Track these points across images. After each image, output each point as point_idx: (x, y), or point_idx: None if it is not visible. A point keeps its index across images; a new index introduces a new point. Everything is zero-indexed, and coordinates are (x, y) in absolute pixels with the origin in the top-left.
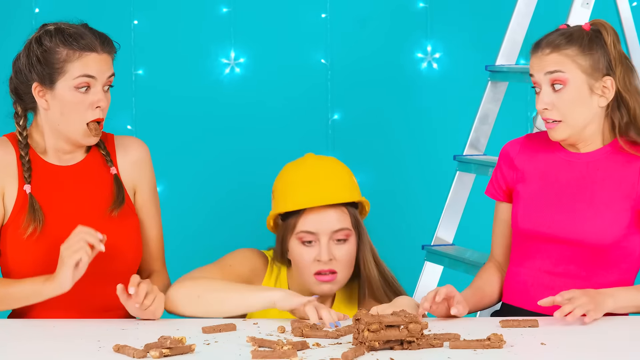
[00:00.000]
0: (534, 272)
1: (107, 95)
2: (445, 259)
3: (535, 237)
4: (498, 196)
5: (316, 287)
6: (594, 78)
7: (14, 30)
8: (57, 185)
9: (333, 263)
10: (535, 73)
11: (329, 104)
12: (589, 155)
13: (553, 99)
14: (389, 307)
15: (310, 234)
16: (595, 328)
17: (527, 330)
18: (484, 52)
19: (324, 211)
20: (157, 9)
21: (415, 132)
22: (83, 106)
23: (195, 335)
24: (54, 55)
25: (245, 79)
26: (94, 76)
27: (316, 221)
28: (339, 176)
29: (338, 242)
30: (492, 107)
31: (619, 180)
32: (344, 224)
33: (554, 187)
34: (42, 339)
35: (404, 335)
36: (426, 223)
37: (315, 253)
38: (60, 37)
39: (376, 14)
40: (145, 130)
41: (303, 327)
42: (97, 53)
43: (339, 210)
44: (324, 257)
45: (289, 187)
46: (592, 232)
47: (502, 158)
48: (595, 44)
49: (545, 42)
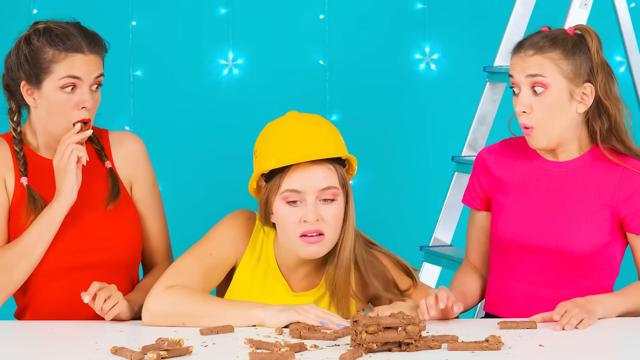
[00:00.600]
0: (517, 282)
1: (96, 95)
2: (444, 260)
3: (516, 247)
4: (476, 204)
5: (302, 250)
6: (575, 84)
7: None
8: (53, 179)
9: (320, 224)
10: (516, 74)
11: (327, 105)
12: (567, 164)
13: (532, 102)
14: (388, 309)
15: (296, 193)
16: (592, 330)
17: (525, 332)
18: (482, 53)
19: (309, 168)
20: (155, 10)
21: (413, 133)
22: (68, 106)
23: (192, 337)
24: (40, 55)
25: (244, 80)
26: (79, 77)
27: (302, 179)
28: (325, 131)
29: (325, 202)
30: (490, 108)
31: (598, 189)
32: (331, 182)
33: (533, 196)
34: (39, 341)
35: (402, 337)
36: (424, 224)
37: (301, 213)
38: (47, 37)
39: (374, 15)
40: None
41: (301, 329)
42: (83, 54)
43: (325, 167)
44: (311, 217)
45: (272, 145)
46: (574, 242)
47: (478, 166)
48: (578, 49)
49: (529, 43)
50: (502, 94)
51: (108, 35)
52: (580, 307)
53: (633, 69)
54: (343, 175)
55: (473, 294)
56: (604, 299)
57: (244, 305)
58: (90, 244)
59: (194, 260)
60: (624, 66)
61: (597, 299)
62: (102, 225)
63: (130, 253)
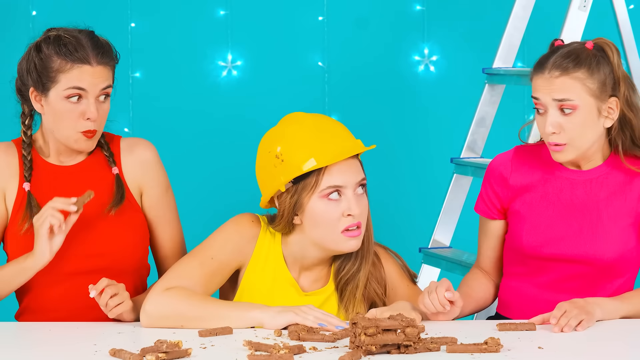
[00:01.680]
0: (538, 289)
1: (104, 105)
2: (442, 262)
3: (541, 257)
4: (492, 214)
5: (344, 245)
6: (601, 100)
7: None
8: (58, 184)
9: (359, 217)
10: (542, 96)
11: (326, 107)
12: (590, 172)
13: (561, 122)
14: (386, 310)
15: (337, 188)
16: (592, 332)
17: (524, 334)
18: (481, 55)
19: (347, 162)
20: (154, 12)
21: (412, 134)
22: (73, 115)
23: (191, 338)
24: (48, 63)
25: (242, 81)
26: (84, 88)
27: (342, 174)
28: (345, 127)
29: (360, 194)
30: (489, 110)
31: (622, 197)
32: (362, 173)
33: (557, 206)
34: (38, 342)
35: (401, 339)
36: (423, 226)
37: (343, 208)
38: (56, 46)
39: (373, 16)
40: (143, 133)
41: (300, 331)
42: (90, 65)
43: (357, 160)
44: (356, 210)
45: (308, 145)
46: (601, 250)
47: (493, 175)
48: (601, 65)
49: (553, 64)
50: (501, 96)
51: (107, 36)
52: (579, 308)
53: (632, 71)
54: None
55: (480, 298)
56: (603, 303)
57: (243, 306)
58: (93, 249)
59: (194, 264)
60: None
61: (597, 301)
62: (105, 231)
63: (134, 259)
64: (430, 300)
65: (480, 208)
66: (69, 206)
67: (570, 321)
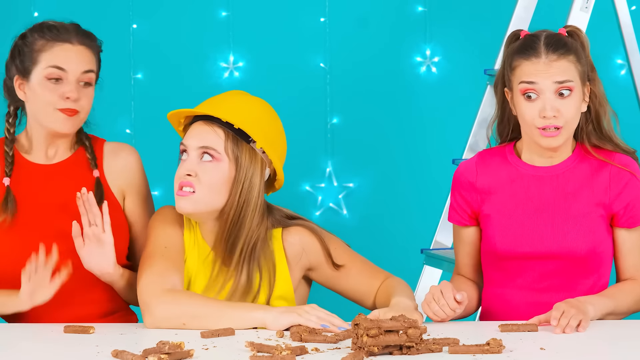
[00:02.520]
0: (518, 291)
1: (86, 91)
2: (444, 263)
3: (516, 257)
4: (464, 221)
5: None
6: (584, 84)
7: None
8: (38, 182)
9: (191, 179)
10: (541, 80)
11: (328, 108)
12: (557, 167)
13: (558, 105)
14: (389, 311)
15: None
16: (593, 332)
17: (526, 335)
18: (483, 56)
19: (199, 126)
20: (156, 13)
21: (414, 135)
22: (53, 95)
23: (193, 339)
24: (31, 46)
25: (244, 83)
26: (63, 68)
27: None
28: (251, 107)
29: (206, 157)
30: (491, 111)
31: (590, 188)
32: (216, 144)
33: (526, 204)
34: (40, 343)
35: (403, 340)
36: (425, 227)
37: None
38: (39, 30)
39: (375, 17)
40: (144, 134)
41: (302, 332)
42: (70, 44)
43: (211, 129)
44: (183, 170)
45: None
46: (574, 244)
47: (459, 183)
48: (581, 51)
49: (547, 49)
50: None
51: (108, 38)
52: (575, 308)
53: (634, 72)
54: (235, 145)
55: (471, 299)
56: (593, 300)
57: (246, 306)
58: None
59: (158, 260)
60: (624, 69)
61: (587, 299)
62: None
63: None
64: (441, 307)
65: (452, 217)
66: (44, 276)
67: (571, 321)
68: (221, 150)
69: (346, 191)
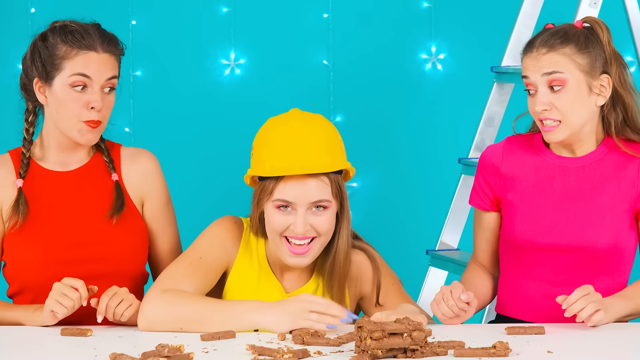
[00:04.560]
0: (535, 283)
1: (109, 98)
2: (450, 264)
3: (534, 247)
4: (485, 206)
5: (288, 259)
6: (592, 76)
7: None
8: (54, 190)
9: (309, 232)
10: (531, 74)
11: (331, 106)
12: (583, 159)
13: (551, 100)
14: (393, 314)
15: (287, 203)
16: (602, 335)
17: (533, 338)
18: (489, 53)
19: (304, 180)
20: (155, 8)
21: (419, 134)
22: (78, 105)
23: (193, 342)
24: (53, 51)
25: (246, 80)
26: (89, 76)
27: (294, 190)
28: (324, 140)
29: (317, 210)
30: (498, 109)
31: (617, 182)
32: (324, 195)
33: (549, 195)
34: (37, 347)
35: (408, 343)
36: (430, 227)
37: (291, 221)
38: (62, 34)
39: (379, 13)
40: (144, 133)
41: (304, 335)
42: (95, 52)
43: (320, 181)
44: (300, 229)
45: (270, 149)
46: (595, 238)
47: (484, 166)
48: (591, 42)
49: (540, 42)
50: (510, 95)
51: None
52: (599, 301)
53: None
54: (338, 185)
55: (484, 294)
56: (613, 301)
57: (247, 308)
58: (93, 254)
59: (184, 264)
60: (634, 66)
61: (609, 301)
62: (105, 236)
63: (134, 265)
64: (449, 307)
65: (473, 200)
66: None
67: (589, 305)
68: (331, 198)
69: (350, 191)
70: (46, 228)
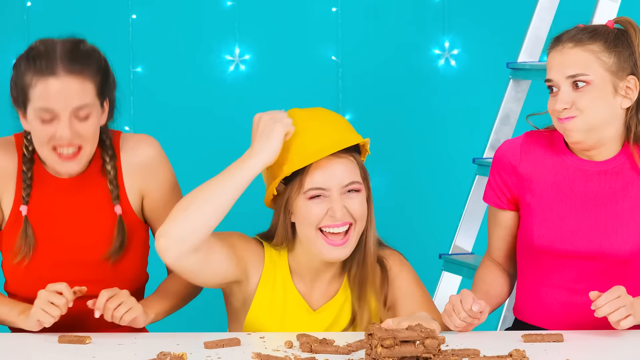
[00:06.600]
0: (554, 290)
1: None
2: (464, 269)
3: (554, 253)
4: (501, 204)
5: (327, 253)
6: (619, 77)
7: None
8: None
9: (346, 216)
10: (555, 73)
11: (340, 104)
12: (605, 163)
13: (573, 98)
14: (404, 320)
15: (320, 191)
16: (622, 344)
17: (551, 346)
18: (505, 49)
19: (330, 163)
20: (157, 2)
21: (431, 133)
22: (44, 139)
23: (196, 350)
24: (23, 79)
25: (251, 76)
26: (51, 109)
27: (324, 175)
28: (335, 120)
29: (349, 193)
30: (514, 107)
31: (638, 188)
32: (354, 176)
33: (570, 199)
34: (35, 354)
35: (420, 351)
36: (444, 230)
37: (327, 207)
38: (27, 58)
39: (390, 7)
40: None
41: (312, 342)
42: (54, 77)
43: (347, 160)
44: (337, 213)
45: (294, 146)
46: (616, 245)
47: (500, 164)
48: (620, 42)
49: (567, 37)
50: (526, 92)
51: (106, 29)
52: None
53: None
54: (363, 168)
55: (499, 294)
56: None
57: (242, 158)
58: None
59: None
60: None
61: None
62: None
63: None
64: (462, 319)
65: (489, 197)
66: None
67: (622, 309)
68: (360, 180)
69: None
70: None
